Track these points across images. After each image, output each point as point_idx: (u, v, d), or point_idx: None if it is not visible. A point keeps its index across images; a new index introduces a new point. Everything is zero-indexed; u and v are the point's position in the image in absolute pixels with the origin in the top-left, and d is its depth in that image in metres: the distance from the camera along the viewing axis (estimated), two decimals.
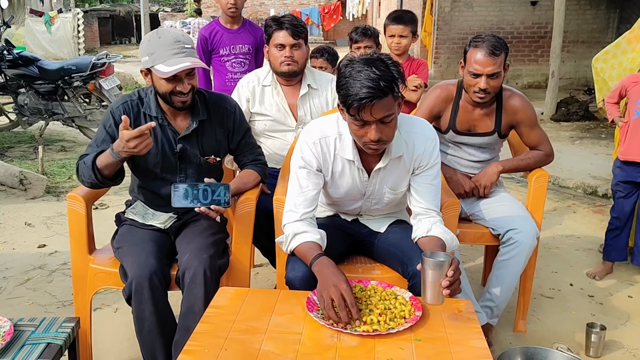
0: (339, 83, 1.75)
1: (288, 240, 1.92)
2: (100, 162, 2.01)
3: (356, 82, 1.69)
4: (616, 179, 3.21)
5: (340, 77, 1.76)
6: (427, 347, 1.53)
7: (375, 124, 1.74)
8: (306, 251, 1.86)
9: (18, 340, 1.74)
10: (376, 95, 1.68)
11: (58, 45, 14.76)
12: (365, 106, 1.69)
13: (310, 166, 1.97)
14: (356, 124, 1.77)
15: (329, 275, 1.70)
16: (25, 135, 6.93)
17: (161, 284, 1.99)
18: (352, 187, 2.04)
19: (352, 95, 1.69)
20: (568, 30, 9.44)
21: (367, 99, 1.67)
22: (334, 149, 1.97)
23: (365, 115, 1.72)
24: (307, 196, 1.97)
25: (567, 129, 7.31)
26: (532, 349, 2.19)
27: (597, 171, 5.25)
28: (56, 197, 4.64)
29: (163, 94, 2.09)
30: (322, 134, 1.97)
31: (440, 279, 1.59)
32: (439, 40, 10.47)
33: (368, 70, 1.69)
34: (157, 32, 2.10)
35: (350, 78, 1.71)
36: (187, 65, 2.02)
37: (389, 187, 2.04)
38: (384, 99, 1.70)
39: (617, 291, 3.14)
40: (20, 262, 3.39)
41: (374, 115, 1.72)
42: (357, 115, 1.73)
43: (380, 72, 1.69)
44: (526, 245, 2.42)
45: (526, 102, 2.57)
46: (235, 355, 1.49)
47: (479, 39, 2.41)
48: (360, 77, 1.69)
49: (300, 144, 1.99)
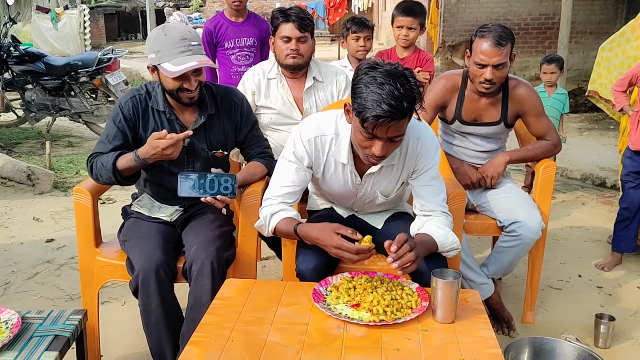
0: (356, 89, 1.66)
1: (267, 221, 1.92)
2: (121, 165, 2.03)
3: (376, 96, 1.60)
4: (626, 169, 3.17)
5: (358, 83, 1.66)
6: (433, 337, 1.53)
7: (385, 141, 1.69)
8: (287, 225, 1.88)
9: (26, 332, 1.75)
10: (396, 117, 1.61)
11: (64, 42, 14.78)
12: (382, 125, 1.62)
13: (301, 162, 1.95)
14: (364, 136, 1.70)
15: (320, 235, 1.77)
16: (32, 131, 6.96)
17: (168, 276, 1.99)
18: (343, 187, 2.03)
19: (370, 109, 1.60)
20: (576, 21, 9.35)
21: (387, 118, 1.60)
22: (328, 149, 1.94)
23: (379, 133, 1.66)
24: (291, 190, 1.96)
25: (576, 120, 7.26)
26: (540, 339, 2.18)
27: (605, 162, 5.22)
28: (64, 192, 4.66)
29: (170, 90, 2.09)
30: (319, 132, 1.93)
31: (450, 297, 1.58)
32: (445, 32, 10.41)
33: (392, 85, 1.60)
34: (164, 29, 2.07)
35: (371, 88, 1.61)
36: (194, 66, 2.00)
37: (381, 191, 2.03)
38: (402, 120, 1.64)
39: (626, 282, 3.12)
40: (29, 257, 3.41)
41: (388, 134, 1.66)
42: (370, 130, 1.66)
43: (404, 90, 1.61)
44: (528, 239, 2.42)
45: (532, 91, 2.55)
46: (242, 346, 1.49)
47: (485, 29, 2.39)
48: (383, 91, 1.59)
49: (295, 138, 1.96)
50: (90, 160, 2.11)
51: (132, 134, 2.15)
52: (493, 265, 2.55)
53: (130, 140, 2.15)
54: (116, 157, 2.04)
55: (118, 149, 2.11)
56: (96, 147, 2.15)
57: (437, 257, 1.90)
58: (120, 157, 2.04)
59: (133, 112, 2.15)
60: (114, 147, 2.10)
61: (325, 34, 17.73)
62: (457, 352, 1.46)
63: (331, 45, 18.13)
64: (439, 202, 1.97)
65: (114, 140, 2.12)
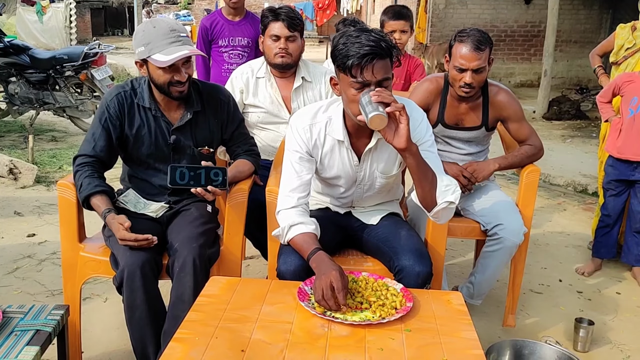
0: (337, 50, 1.77)
1: (284, 232, 1.92)
2: (93, 204, 2.06)
3: (355, 44, 1.72)
4: (608, 177, 3.21)
5: (337, 44, 1.77)
6: (417, 337, 1.54)
7: (375, 85, 1.75)
8: (302, 244, 1.86)
9: (6, 327, 1.73)
10: (378, 53, 1.71)
11: (50, 35, 14.63)
12: (367, 64, 1.71)
13: (301, 151, 1.98)
14: (355, 87, 1.76)
15: (323, 268, 1.72)
16: (15, 124, 6.87)
17: (153, 272, 1.98)
18: (343, 171, 2.04)
19: (352, 55, 1.71)
20: (561, 29, 9.48)
21: (370, 55, 1.70)
22: (324, 132, 1.99)
23: (367, 75, 1.73)
24: (302, 180, 1.97)
25: (559, 127, 7.35)
26: (520, 341, 2.21)
27: (587, 169, 5.29)
28: (46, 186, 4.60)
29: (160, 84, 2.08)
30: (313, 119, 1.99)
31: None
32: (432, 37, 10.49)
33: (366, 34, 1.74)
34: (152, 22, 2.08)
35: (348, 42, 1.74)
36: (186, 54, 2.01)
37: (380, 170, 2.04)
38: (385, 59, 1.74)
39: (606, 287, 3.17)
40: (9, 251, 3.37)
41: (375, 75, 1.73)
42: (358, 76, 1.73)
43: (378, 36, 1.75)
44: (509, 242, 2.45)
45: (512, 97, 2.59)
46: (226, 343, 1.49)
47: (464, 34, 2.41)
48: (360, 39, 1.72)
49: (291, 129, 2.00)
50: (76, 166, 2.12)
51: (117, 134, 2.15)
52: (480, 272, 2.56)
53: (115, 140, 2.14)
54: (93, 193, 2.05)
55: (102, 149, 2.13)
56: (82, 147, 2.15)
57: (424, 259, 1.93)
58: (95, 197, 2.05)
59: (119, 110, 2.14)
60: (99, 147, 2.12)
61: (313, 35, 17.75)
62: (440, 353, 1.47)
63: (319, 46, 18.15)
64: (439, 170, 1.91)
65: (99, 140, 2.13)
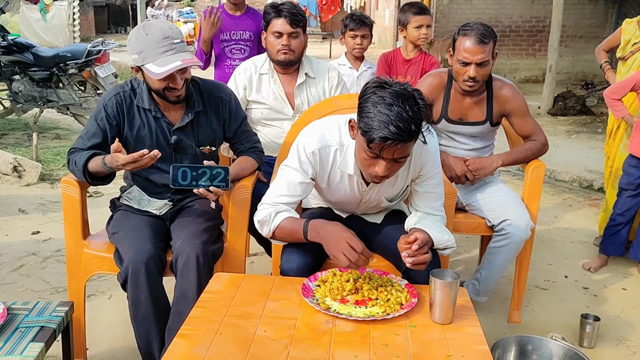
0: (364, 107, 1.61)
1: (270, 217, 1.84)
2: (92, 167, 2.01)
3: (384, 117, 1.55)
4: (630, 177, 3.08)
5: (366, 102, 1.61)
6: (422, 333, 1.53)
7: (389, 161, 1.65)
8: (291, 225, 1.83)
9: (11, 323, 1.73)
10: (404, 139, 1.57)
11: (53, 34, 14.64)
12: (389, 147, 1.59)
13: (305, 174, 1.89)
14: (368, 155, 1.65)
15: (330, 233, 1.70)
16: (19, 122, 6.88)
17: (157, 269, 1.98)
18: (349, 195, 2.00)
19: (377, 130, 1.56)
20: (566, 24, 9.43)
21: (394, 141, 1.56)
22: (332, 160, 1.88)
23: (384, 154, 1.62)
24: (290, 200, 1.90)
25: (564, 123, 7.32)
26: (526, 337, 2.20)
27: (593, 165, 5.26)
28: (50, 184, 4.61)
29: (156, 90, 2.06)
30: (323, 142, 1.87)
31: (449, 298, 1.56)
32: (436, 32, 10.44)
33: (400, 107, 1.55)
34: (144, 28, 2.01)
35: (378, 109, 1.57)
36: (179, 65, 1.96)
37: (386, 197, 2.02)
38: (409, 142, 1.60)
39: (612, 283, 3.15)
40: (14, 249, 3.37)
41: (394, 156, 1.63)
42: (376, 151, 1.62)
43: (412, 113, 1.56)
44: (517, 237, 2.43)
45: (517, 91, 2.57)
46: (230, 339, 1.48)
47: (467, 28, 2.40)
48: (391, 112, 1.55)
49: (298, 148, 1.89)
50: (69, 156, 2.10)
51: (113, 133, 2.11)
52: (486, 268, 2.55)
53: (110, 139, 2.09)
54: (88, 158, 2.01)
55: (96, 147, 2.08)
56: (76, 143, 2.13)
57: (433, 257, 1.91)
58: (92, 159, 2.01)
59: (117, 111, 2.11)
60: (92, 144, 2.08)
61: (317, 31, 17.71)
62: (445, 349, 1.46)
63: (322, 43, 18.09)
64: (437, 206, 1.98)
65: (92, 138, 2.10)
